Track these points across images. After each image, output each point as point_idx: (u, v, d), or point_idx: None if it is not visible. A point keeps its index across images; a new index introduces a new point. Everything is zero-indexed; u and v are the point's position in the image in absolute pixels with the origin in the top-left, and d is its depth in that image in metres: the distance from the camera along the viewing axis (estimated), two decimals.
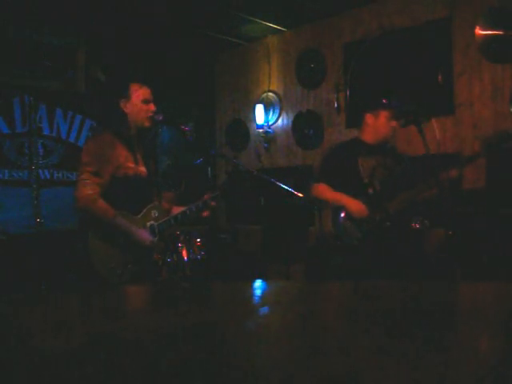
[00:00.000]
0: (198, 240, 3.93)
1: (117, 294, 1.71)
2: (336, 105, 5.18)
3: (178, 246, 3.77)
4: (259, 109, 5.72)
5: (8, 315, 1.20)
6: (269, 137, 5.78)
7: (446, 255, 3.23)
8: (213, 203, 2.86)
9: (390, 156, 3.23)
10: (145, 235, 2.60)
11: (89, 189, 2.47)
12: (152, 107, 2.71)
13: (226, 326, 1.03)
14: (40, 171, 4.86)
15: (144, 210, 2.68)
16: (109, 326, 1.08)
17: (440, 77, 4.43)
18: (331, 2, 4.88)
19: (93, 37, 5.21)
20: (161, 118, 2.90)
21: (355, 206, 3.01)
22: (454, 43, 4.36)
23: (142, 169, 2.72)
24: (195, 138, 5.11)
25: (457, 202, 3.60)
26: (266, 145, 5.81)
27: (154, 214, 2.72)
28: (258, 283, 1.88)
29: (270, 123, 5.77)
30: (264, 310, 1.23)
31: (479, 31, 4.19)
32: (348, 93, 5.10)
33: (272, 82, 5.80)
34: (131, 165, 2.64)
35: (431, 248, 3.45)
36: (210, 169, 5.99)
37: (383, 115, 3.15)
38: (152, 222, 2.70)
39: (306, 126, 5.47)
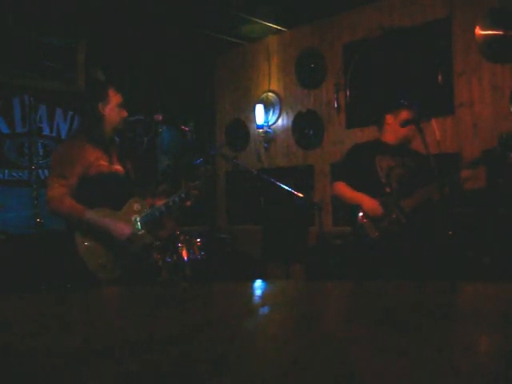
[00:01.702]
0: (198, 240, 3.94)
1: (116, 293, 1.71)
2: (336, 105, 5.18)
3: (178, 246, 3.79)
4: (259, 109, 5.71)
5: (7, 315, 1.20)
6: (269, 137, 5.78)
7: (446, 254, 3.23)
8: (195, 191, 2.87)
9: (410, 156, 3.25)
10: (122, 228, 2.60)
11: (55, 190, 2.54)
12: (125, 113, 2.80)
13: (226, 326, 1.03)
14: (40, 171, 4.86)
15: (126, 205, 2.71)
16: (108, 325, 1.08)
17: (440, 77, 4.43)
18: (331, 2, 4.88)
19: (93, 37, 5.21)
20: (161, 118, 2.90)
21: (370, 204, 3.06)
22: (454, 43, 4.36)
23: (118, 167, 2.76)
24: (195, 138, 5.11)
25: (457, 202, 3.60)
26: (266, 145, 5.81)
27: (137, 207, 2.74)
28: (258, 283, 1.88)
29: (270, 123, 5.77)
30: (264, 310, 1.23)
31: (479, 31, 4.19)
32: (348, 93, 5.10)
33: (272, 82, 5.80)
34: (104, 163, 2.68)
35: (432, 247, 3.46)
36: None
37: (403, 116, 3.17)
38: (136, 216, 2.71)
39: (306, 126, 5.47)
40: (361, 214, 3.11)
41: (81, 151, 2.63)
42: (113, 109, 2.73)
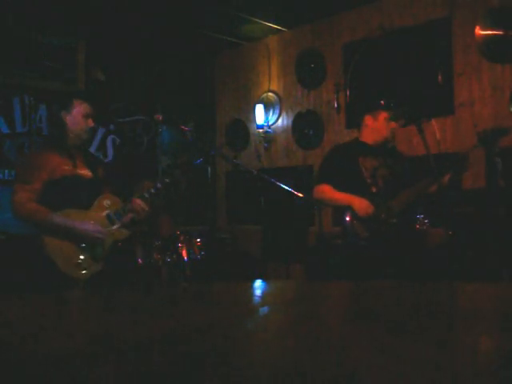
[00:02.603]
0: (198, 240, 3.94)
1: (116, 293, 1.71)
2: (336, 105, 5.18)
3: (178, 246, 3.79)
4: (259, 109, 5.71)
5: (7, 315, 1.20)
6: (269, 137, 5.77)
7: (446, 255, 3.23)
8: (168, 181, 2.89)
9: (391, 156, 3.25)
10: (90, 227, 2.62)
11: (18, 195, 2.58)
12: (91, 123, 2.81)
13: (226, 326, 1.03)
14: None
15: (95, 203, 2.72)
16: (108, 326, 1.08)
17: (440, 77, 4.42)
18: (331, 2, 4.88)
19: (93, 37, 5.21)
20: (161, 118, 2.91)
21: (361, 204, 3.01)
22: (454, 43, 4.36)
23: (84, 172, 2.78)
24: (195, 138, 5.12)
25: (457, 201, 3.60)
26: (266, 145, 5.81)
27: (107, 203, 2.75)
28: (258, 283, 1.88)
29: (270, 123, 5.77)
30: (264, 310, 1.23)
31: (479, 31, 4.19)
32: (348, 93, 5.10)
33: (272, 82, 5.80)
34: (67, 167, 2.71)
35: (431, 248, 3.46)
36: (209, 169, 5.99)
37: (382, 116, 3.17)
38: (107, 212, 2.72)
39: (306, 126, 5.47)
40: (348, 214, 3.06)
41: (43, 158, 2.68)
42: (76, 118, 2.77)
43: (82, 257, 2.58)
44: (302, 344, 0.89)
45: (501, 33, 4.06)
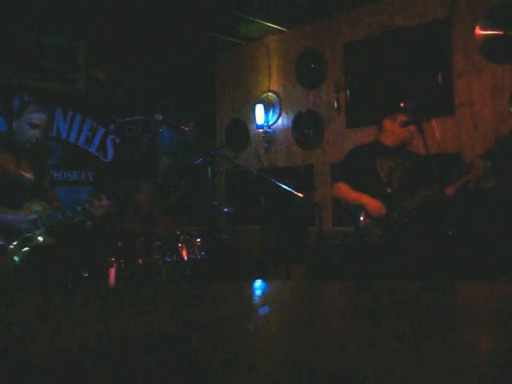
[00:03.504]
0: (198, 240, 3.94)
1: (116, 294, 1.71)
2: (336, 105, 5.18)
3: (178, 246, 3.78)
4: (259, 109, 5.71)
5: (8, 316, 1.20)
6: (269, 137, 5.77)
7: (446, 255, 3.24)
8: (102, 202, 2.89)
9: (409, 157, 3.30)
10: (17, 216, 2.65)
11: None
12: (36, 133, 2.85)
13: (226, 326, 1.03)
14: None
15: (26, 205, 2.75)
16: (108, 325, 1.08)
17: (440, 77, 4.42)
18: (331, 2, 4.88)
19: (93, 37, 5.21)
20: (161, 117, 2.91)
21: (373, 204, 3.09)
22: (454, 43, 4.36)
23: (28, 175, 2.84)
24: (195, 138, 5.12)
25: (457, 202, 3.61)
26: (266, 145, 5.80)
27: (37, 208, 2.77)
28: (258, 283, 1.88)
29: (270, 123, 5.77)
30: (264, 310, 1.23)
31: (479, 31, 4.19)
32: (348, 93, 5.10)
33: (272, 82, 5.80)
34: (11, 166, 2.77)
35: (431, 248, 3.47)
36: (209, 169, 5.98)
37: (400, 119, 3.22)
38: (34, 216, 2.74)
39: (305, 126, 5.47)
40: (363, 214, 3.12)
41: None
42: (22, 125, 2.83)
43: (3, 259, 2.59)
44: (302, 344, 0.89)
45: (501, 33, 4.06)
